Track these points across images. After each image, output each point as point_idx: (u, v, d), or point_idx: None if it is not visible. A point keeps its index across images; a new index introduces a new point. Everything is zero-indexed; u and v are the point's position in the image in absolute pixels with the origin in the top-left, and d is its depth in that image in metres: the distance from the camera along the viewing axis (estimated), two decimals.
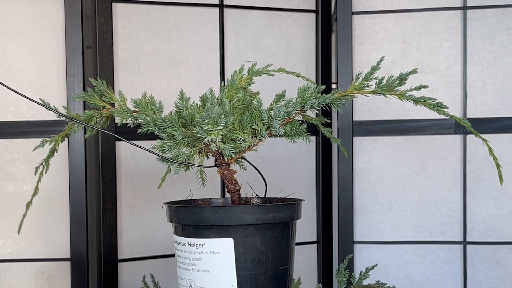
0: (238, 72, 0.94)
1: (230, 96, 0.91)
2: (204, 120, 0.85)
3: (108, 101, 0.98)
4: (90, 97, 0.95)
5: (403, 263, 2.08)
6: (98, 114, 0.95)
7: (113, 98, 0.96)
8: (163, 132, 0.91)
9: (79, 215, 1.85)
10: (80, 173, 1.85)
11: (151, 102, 0.94)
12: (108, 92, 0.95)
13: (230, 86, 0.92)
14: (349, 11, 2.06)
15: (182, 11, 1.96)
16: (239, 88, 0.93)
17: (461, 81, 2.05)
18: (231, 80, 0.93)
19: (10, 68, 1.83)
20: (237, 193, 0.93)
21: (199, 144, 0.89)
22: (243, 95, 0.92)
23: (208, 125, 0.85)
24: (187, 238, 0.86)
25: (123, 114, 0.94)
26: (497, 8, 2.02)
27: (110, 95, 0.95)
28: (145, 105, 0.93)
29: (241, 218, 0.82)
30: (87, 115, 0.96)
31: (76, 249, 1.86)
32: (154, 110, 0.93)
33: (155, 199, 1.89)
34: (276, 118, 0.87)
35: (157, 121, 0.90)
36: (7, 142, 1.84)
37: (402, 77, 0.86)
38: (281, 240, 0.87)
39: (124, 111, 0.94)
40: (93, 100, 0.95)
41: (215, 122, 0.85)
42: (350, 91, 0.91)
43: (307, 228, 2.13)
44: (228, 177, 0.93)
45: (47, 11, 1.84)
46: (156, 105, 0.94)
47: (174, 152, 0.90)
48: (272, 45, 2.05)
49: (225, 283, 0.83)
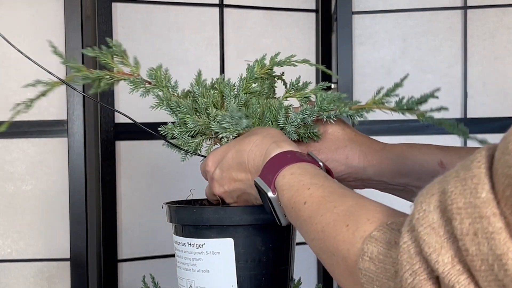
0: (260, 61, 0.91)
1: (247, 88, 0.89)
2: (225, 119, 0.84)
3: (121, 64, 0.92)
4: (102, 55, 0.89)
5: None
6: (110, 76, 0.90)
7: (127, 62, 0.91)
8: (175, 114, 0.88)
9: (79, 215, 1.85)
10: (80, 173, 1.85)
11: (167, 78, 0.90)
12: (123, 55, 0.90)
13: (248, 77, 0.89)
14: (349, 11, 2.06)
15: (182, 11, 1.96)
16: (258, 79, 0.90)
17: (461, 81, 2.05)
18: (250, 70, 0.90)
19: (10, 68, 1.83)
20: None
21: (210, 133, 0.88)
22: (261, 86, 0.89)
23: (227, 124, 0.84)
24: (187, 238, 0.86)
25: (136, 83, 0.90)
26: (497, 8, 2.02)
27: (125, 58, 0.90)
28: (160, 79, 0.90)
29: (241, 218, 0.82)
30: (98, 75, 0.90)
31: (76, 249, 1.85)
32: (168, 88, 0.89)
33: (155, 199, 1.89)
34: (291, 123, 0.86)
35: (171, 102, 0.88)
36: (7, 142, 1.84)
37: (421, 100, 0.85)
38: (282, 241, 0.87)
39: (137, 80, 0.90)
40: (105, 59, 0.89)
41: (236, 123, 0.84)
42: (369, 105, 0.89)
43: None
44: None
45: (47, 11, 1.84)
46: (171, 82, 0.90)
47: (184, 139, 0.88)
48: (272, 45, 2.05)
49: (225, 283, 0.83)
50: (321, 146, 0.89)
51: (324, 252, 0.62)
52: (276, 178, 0.72)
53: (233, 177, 0.80)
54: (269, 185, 0.72)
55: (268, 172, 0.73)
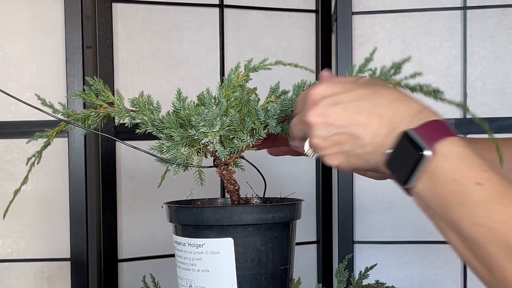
0: (235, 70, 0.92)
1: (228, 95, 0.90)
2: (199, 123, 0.85)
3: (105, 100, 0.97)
4: (86, 95, 0.94)
5: (403, 263, 2.08)
6: (95, 113, 0.94)
7: (109, 97, 0.95)
8: (161, 133, 0.90)
9: (79, 215, 1.85)
10: (80, 173, 1.85)
11: (149, 101, 0.93)
12: (105, 91, 0.94)
13: (227, 85, 0.91)
14: (349, 11, 2.06)
15: (182, 11, 1.96)
16: (236, 86, 0.91)
17: (461, 81, 2.05)
18: (227, 78, 0.91)
19: (10, 68, 1.83)
20: (236, 193, 0.93)
21: (197, 144, 0.89)
22: (241, 93, 0.91)
23: (204, 128, 0.85)
24: (187, 238, 0.86)
25: (121, 114, 0.93)
26: (497, 8, 2.02)
27: (107, 94, 0.94)
28: (142, 105, 0.92)
29: (241, 218, 0.82)
30: (84, 114, 0.95)
31: (76, 249, 1.85)
32: (152, 110, 0.92)
33: (155, 199, 1.89)
34: (272, 116, 0.87)
35: (155, 121, 0.90)
36: (7, 142, 1.84)
37: (396, 66, 0.85)
38: (281, 240, 0.87)
39: (121, 111, 0.93)
40: (90, 98, 0.94)
41: (211, 124, 0.85)
42: None
43: (307, 228, 2.13)
44: (227, 177, 0.93)
45: (47, 11, 1.84)
46: (153, 105, 0.93)
47: (173, 153, 0.90)
48: (272, 45, 2.05)
49: (225, 283, 0.83)
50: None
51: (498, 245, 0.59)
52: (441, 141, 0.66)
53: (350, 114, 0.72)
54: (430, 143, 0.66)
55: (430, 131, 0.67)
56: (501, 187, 0.62)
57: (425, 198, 0.67)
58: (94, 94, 0.94)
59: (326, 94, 0.74)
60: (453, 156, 0.65)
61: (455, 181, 0.64)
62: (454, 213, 0.63)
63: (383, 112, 0.71)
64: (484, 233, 0.60)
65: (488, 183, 0.62)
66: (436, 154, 0.66)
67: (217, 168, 0.92)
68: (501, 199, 0.61)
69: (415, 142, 0.66)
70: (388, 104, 0.71)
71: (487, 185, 0.62)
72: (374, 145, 0.71)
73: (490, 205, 0.61)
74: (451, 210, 0.64)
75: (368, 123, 0.71)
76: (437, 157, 0.66)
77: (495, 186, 0.62)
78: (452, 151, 0.66)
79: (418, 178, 0.67)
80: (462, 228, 0.62)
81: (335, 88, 0.74)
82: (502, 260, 0.59)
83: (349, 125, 0.72)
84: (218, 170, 0.92)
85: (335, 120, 0.73)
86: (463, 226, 0.62)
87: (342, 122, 0.72)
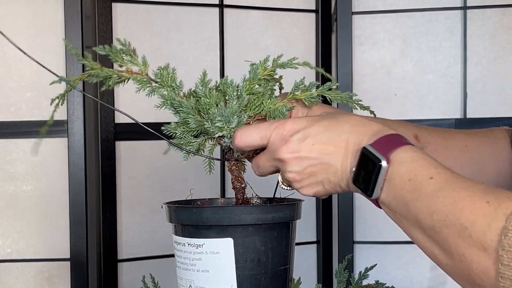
0: (263, 63, 0.91)
1: (250, 89, 0.89)
2: (216, 117, 0.84)
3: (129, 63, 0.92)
4: (113, 54, 0.89)
5: (403, 263, 2.08)
6: (117, 75, 0.90)
7: (136, 62, 0.91)
8: (178, 114, 0.89)
9: (79, 215, 1.85)
10: (80, 173, 1.85)
11: (173, 78, 0.90)
12: (132, 54, 0.90)
13: (252, 78, 0.90)
14: (349, 11, 2.06)
15: (182, 11, 1.96)
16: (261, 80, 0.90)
17: (461, 81, 2.05)
18: (253, 71, 0.90)
19: (10, 68, 1.83)
20: (242, 191, 0.92)
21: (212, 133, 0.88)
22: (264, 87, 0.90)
23: (220, 122, 0.85)
24: (186, 238, 0.86)
25: (143, 83, 0.90)
26: (497, 8, 2.02)
27: (134, 58, 0.90)
28: (166, 79, 0.90)
29: (240, 218, 0.82)
30: (106, 74, 0.89)
31: (76, 249, 1.85)
32: (173, 87, 0.90)
33: (155, 199, 1.89)
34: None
35: (174, 101, 0.88)
36: (7, 142, 1.84)
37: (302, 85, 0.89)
38: (281, 240, 0.87)
39: (143, 79, 0.90)
40: (116, 57, 0.87)
41: (228, 120, 0.85)
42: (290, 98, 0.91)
43: (307, 228, 2.13)
44: (235, 173, 0.92)
45: (47, 11, 1.84)
46: (176, 82, 0.90)
47: (186, 139, 0.89)
48: (272, 45, 2.05)
49: (225, 283, 0.83)
50: None
51: (451, 225, 0.64)
52: (395, 150, 0.72)
53: (320, 146, 0.78)
54: (385, 154, 0.72)
55: (385, 144, 0.73)
56: (451, 177, 0.68)
57: (389, 204, 0.74)
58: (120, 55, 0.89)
59: (294, 130, 0.79)
60: (407, 160, 0.72)
61: (410, 181, 0.70)
62: (413, 209, 0.69)
63: (347, 138, 0.77)
64: (438, 218, 0.66)
65: (438, 176, 0.68)
66: (391, 162, 0.72)
67: (227, 162, 0.91)
68: (450, 185, 0.67)
69: (374, 155, 0.73)
70: (351, 129, 0.77)
71: (437, 177, 0.68)
72: (344, 169, 0.77)
73: (441, 192, 0.66)
74: (410, 207, 0.70)
75: (337, 151, 0.77)
76: (393, 165, 0.72)
77: (445, 177, 0.68)
78: (405, 156, 0.72)
79: (380, 188, 0.73)
80: (421, 220, 0.68)
81: (301, 123, 0.80)
82: (456, 238, 0.64)
83: (320, 155, 0.78)
84: (228, 164, 0.91)
85: (307, 154, 0.79)
86: (422, 218, 0.68)
87: (314, 154, 0.78)
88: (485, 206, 0.62)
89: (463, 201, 0.64)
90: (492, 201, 0.62)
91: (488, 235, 0.61)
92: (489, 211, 0.61)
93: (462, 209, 0.64)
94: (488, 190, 0.64)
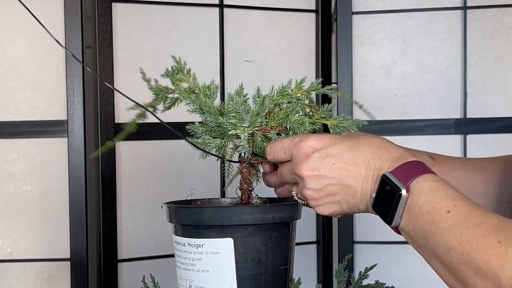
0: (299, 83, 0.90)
1: (276, 101, 0.89)
2: (231, 113, 0.85)
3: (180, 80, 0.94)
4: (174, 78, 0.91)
5: (403, 263, 2.08)
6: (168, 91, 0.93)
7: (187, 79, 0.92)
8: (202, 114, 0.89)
9: (79, 215, 1.85)
10: (80, 173, 1.85)
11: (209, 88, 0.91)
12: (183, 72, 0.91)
13: (280, 91, 0.89)
14: (349, 11, 2.06)
15: (182, 11, 1.96)
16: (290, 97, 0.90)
17: (461, 81, 2.05)
18: (283, 86, 0.90)
19: (10, 68, 1.83)
20: (248, 193, 0.93)
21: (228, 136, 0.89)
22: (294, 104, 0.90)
23: (234, 119, 0.85)
24: (186, 238, 0.86)
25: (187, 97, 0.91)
26: (497, 8, 2.02)
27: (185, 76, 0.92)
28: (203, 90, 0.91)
29: (241, 218, 0.82)
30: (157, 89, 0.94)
31: (76, 249, 1.85)
32: (207, 95, 0.91)
33: (155, 199, 1.89)
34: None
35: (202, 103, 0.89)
36: (7, 142, 1.84)
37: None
38: (281, 240, 0.87)
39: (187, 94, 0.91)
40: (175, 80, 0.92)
41: (241, 118, 0.85)
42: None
43: (307, 228, 2.13)
44: (245, 175, 0.92)
45: (47, 11, 1.84)
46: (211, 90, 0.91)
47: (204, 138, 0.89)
48: (272, 45, 2.05)
49: (225, 283, 0.83)
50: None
51: (467, 264, 0.66)
52: (415, 179, 0.73)
53: (341, 165, 0.78)
54: (405, 183, 0.72)
55: (405, 172, 0.73)
56: (467, 211, 0.68)
57: (409, 233, 0.74)
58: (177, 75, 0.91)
59: (316, 147, 0.80)
60: (425, 190, 0.72)
61: (428, 213, 0.70)
62: (432, 242, 0.70)
63: (369, 160, 0.77)
64: (455, 255, 0.67)
65: (455, 210, 0.69)
66: (411, 191, 0.72)
67: (239, 164, 0.92)
68: (466, 222, 0.67)
69: (394, 183, 0.73)
70: (372, 152, 0.78)
71: (454, 211, 0.69)
72: (364, 193, 0.78)
73: (457, 229, 0.67)
74: (429, 239, 0.70)
75: (358, 172, 0.78)
76: (412, 194, 0.72)
77: (462, 211, 0.68)
78: (425, 186, 0.72)
79: (400, 216, 0.74)
80: (440, 255, 0.69)
81: (324, 141, 0.80)
82: (472, 277, 0.65)
83: (340, 176, 0.78)
84: (240, 166, 0.92)
85: (327, 173, 0.79)
86: (440, 252, 0.69)
87: (334, 174, 0.78)
88: (497, 246, 0.63)
89: (477, 240, 0.65)
90: (503, 241, 0.63)
91: (502, 276, 0.62)
92: (501, 251, 0.63)
93: (477, 249, 0.65)
94: (501, 227, 0.65)
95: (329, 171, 0.78)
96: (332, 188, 0.79)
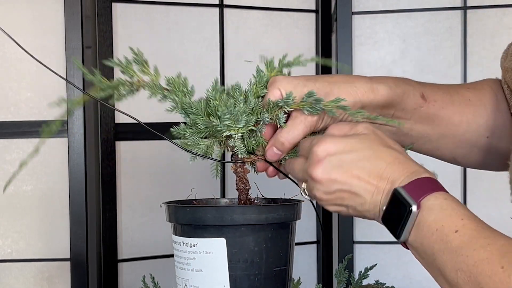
0: (268, 64, 0.91)
1: (257, 92, 0.89)
2: (225, 115, 0.85)
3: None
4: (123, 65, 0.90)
5: (403, 263, 2.08)
6: (130, 83, 0.91)
7: (148, 71, 0.92)
8: (188, 117, 0.89)
9: (79, 215, 1.85)
10: (80, 173, 1.85)
11: (184, 84, 0.91)
12: (144, 64, 0.91)
13: (258, 82, 0.89)
14: (349, 11, 2.06)
15: (182, 11, 1.96)
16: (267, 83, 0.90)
17: (461, 81, 2.04)
18: (258, 75, 0.90)
19: (10, 68, 1.83)
20: (245, 192, 0.93)
21: (220, 136, 0.88)
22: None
23: (229, 121, 0.85)
24: (182, 238, 0.87)
25: (154, 90, 0.91)
26: (497, 8, 2.02)
27: (146, 68, 0.91)
28: (177, 86, 0.90)
29: (232, 218, 0.82)
30: (116, 83, 0.91)
31: (76, 249, 1.86)
32: (185, 93, 0.90)
33: (155, 199, 1.89)
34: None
35: (185, 104, 0.88)
36: (7, 142, 1.84)
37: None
38: (276, 241, 0.87)
39: (156, 87, 0.91)
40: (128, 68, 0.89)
41: (236, 119, 0.85)
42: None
43: (307, 228, 2.13)
44: (240, 174, 0.92)
45: (47, 11, 1.85)
46: (188, 87, 0.91)
47: (194, 140, 0.89)
48: (272, 45, 2.05)
49: (218, 282, 0.84)
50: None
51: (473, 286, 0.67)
52: (426, 196, 0.73)
53: (353, 173, 0.78)
54: (417, 199, 0.73)
55: (417, 188, 0.74)
56: (476, 232, 0.69)
57: (417, 249, 0.75)
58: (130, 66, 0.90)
59: (331, 152, 0.79)
60: (435, 208, 0.73)
61: (437, 231, 0.71)
62: (439, 261, 0.71)
63: (382, 173, 0.77)
64: (462, 277, 0.68)
65: (464, 229, 0.70)
66: (421, 208, 0.73)
67: (233, 163, 0.91)
68: (472, 243, 0.68)
69: (405, 199, 0.74)
70: (387, 165, 0.77)
71: (462, 231, 0.70)
72: (374, 204, 0.78)
73: (464, 250, 0.68)
74: (437, 258, 0.71)
75: (369, 183, 0.78)
76: (423, 211, 0.73)
77: (469, 232, 0.70)
78: (435, 203, 0.73)
79: (409, 232, 0.74)
80: (447, 274, 0.70)
81: (339, 145, 0.79)
82: None
83: (351, 182, 0.78)
84: (233, 166, 0.92)
85: (339, 178, 0.79)
86: (447, 272, 0.70)
87: (345, 181, 0.78)
88: (500, 272, 0.65)
89: (482, 264, 0.66)
90: (506, 267, 0.65)
91: None
92: (504, 277, 0.64)
93: (481, 273, 0.66)
94: (505, 251, 0.66)
95: (341, 178, 0.79)
96: (341, 194, 0.79)
